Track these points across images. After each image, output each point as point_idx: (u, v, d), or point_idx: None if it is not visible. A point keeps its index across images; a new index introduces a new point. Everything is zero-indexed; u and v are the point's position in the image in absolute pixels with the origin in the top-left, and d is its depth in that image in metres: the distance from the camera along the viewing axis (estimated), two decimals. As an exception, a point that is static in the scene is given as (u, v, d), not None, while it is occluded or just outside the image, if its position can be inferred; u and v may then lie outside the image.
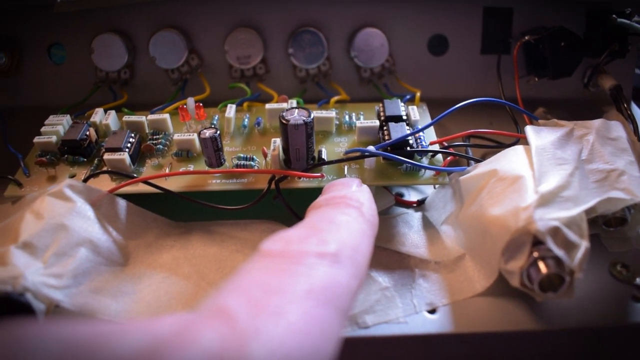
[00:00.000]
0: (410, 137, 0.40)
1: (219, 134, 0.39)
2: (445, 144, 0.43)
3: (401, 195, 0.44)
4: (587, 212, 0.33)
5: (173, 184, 0.40)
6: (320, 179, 0.39)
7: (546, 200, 0.33)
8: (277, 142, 0.40)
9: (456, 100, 0.44)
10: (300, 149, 0.38)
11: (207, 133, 0.39)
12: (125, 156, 0.40)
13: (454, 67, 0.55)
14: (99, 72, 0.54)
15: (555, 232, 0.31)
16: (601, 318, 0.34)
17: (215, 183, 0.40)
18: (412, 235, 0.39)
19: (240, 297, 0.21)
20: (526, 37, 0.51)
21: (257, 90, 0.53)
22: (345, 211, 0.29)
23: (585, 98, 0.55)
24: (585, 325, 0.33)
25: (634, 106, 0.55)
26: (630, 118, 0.45)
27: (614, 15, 0.48)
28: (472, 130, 0.43)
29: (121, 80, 0.54)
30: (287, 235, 0.26)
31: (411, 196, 0.44)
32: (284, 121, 0.37)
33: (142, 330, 0.19)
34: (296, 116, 0.37)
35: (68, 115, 0.46)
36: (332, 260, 0.24)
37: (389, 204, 0.42)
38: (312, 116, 0.38)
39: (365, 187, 0.34)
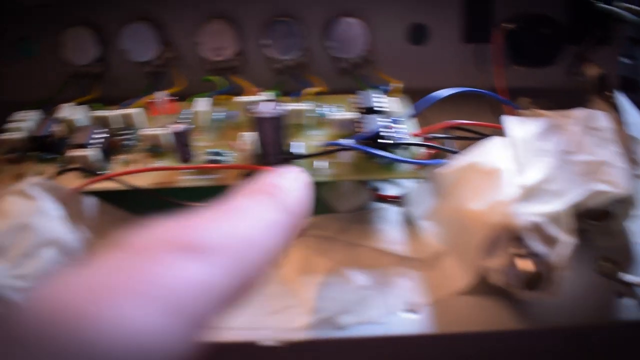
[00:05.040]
0: (386, 130, 0.39)
1: (188, 129, 0.38)
2: (426, 137, 0.42)
3: (377, 189, 0.42)
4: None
5: (142, 181, 0.38)
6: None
7: (527, 194, 0.32)
8: (249, 136, 0.39)
9: (438, 89, 0.43)
10: (272, 143, 0.37)
11: (176, 127, 0.37)
12: (89, 152, 0.39)
13: (435, 56, 0.54)
14: (70, 66, 0.52)
15: (536, 227, 0.30)
16: (586, 315, 0.33)
17: (186, 179, 0.38)
18: (391, 232, 0.38)
19: (48, 296, 0.18)
20: (507, 25, 0.49)
21: (233, 83, 0.51)
22: (259, 198, 0.25)
23: (570, 87, 0.54)
24: (569, 323, 0.33)
25: (619, 95, 0.54)
26: (615, 107, 0.44)
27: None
28: (452, 122, 0.42)
29: (93, 74, 0.53)
30: (159, 224, 0.22)
31: (387, 190, 0.42)
32: (253, 114, 0.36)
33: None
34: (266, 109, 0.36)
35: (35, 111, 0.45)
36: (194, 253, 0.20)
37: (366, 199, 0.41)
38: (282, 109, 0.36)
39: (301, 176, 0.28)
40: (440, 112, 0.46)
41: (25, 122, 0.43)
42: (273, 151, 0.37)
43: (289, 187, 0.26)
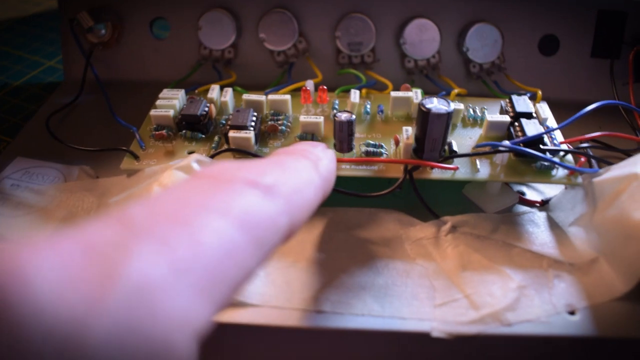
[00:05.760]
0: (544, 135, 0.39)
1: (354, 119, 0.38)
2: (570, 146, 0.42)
3: (522, 194, 0.43)
4: None
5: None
6: (453, 171, 0.38)
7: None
8: (409, 130, 0.39)
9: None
10: (437, 140, 0.37)
11: (343, 116, 0.38)
12: (251, 135, 0.40)
13: (563, 68, 0.54)
14: (203, 50, 0.53)
15: None
16: None
17: (345, 169, 0.39)
18: (540, 235, 0.38)
19: (145, 206, 0.19)
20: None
21: (367, 77, 0.51)
22: (300, 159, 0.28)
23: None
24: None
25: None
26: None
27: None
28: (606, 132, 0.42)
29: (224, 60, 0.53)
30: (227, 163, 0.24)
31: (530, 196, 0.43)
32: (424, 109, 0.36)
33: None
34: (437, 105, 0.37)
35: (183, 90, 0.45)
36: (263, 190, 0.22)
37: (513, 202, 0.41)
38: (452, 107, 0.37)
39: (330, 151, 0.31)
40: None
41: (173, 100, 0.44)
42: (437, 147, 0.38)
43: (324, 156, 0.29)
